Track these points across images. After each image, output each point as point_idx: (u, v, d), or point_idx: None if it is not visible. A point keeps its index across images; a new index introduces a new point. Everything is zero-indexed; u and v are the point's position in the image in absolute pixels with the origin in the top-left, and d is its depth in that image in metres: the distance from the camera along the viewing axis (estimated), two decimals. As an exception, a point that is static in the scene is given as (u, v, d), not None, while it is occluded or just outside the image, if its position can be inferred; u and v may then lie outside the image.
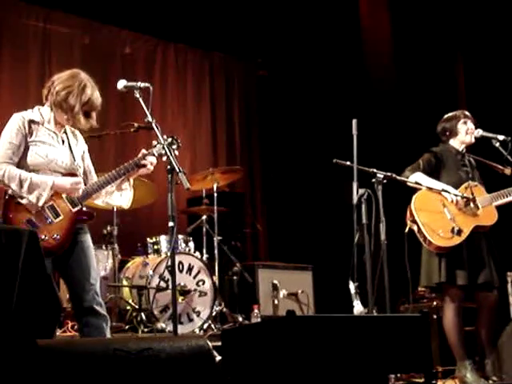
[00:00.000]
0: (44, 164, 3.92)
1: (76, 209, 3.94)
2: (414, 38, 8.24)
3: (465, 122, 5.20)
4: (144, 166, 4.08)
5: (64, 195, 3.91)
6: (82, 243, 3.97)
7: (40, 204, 3.83)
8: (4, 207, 3.88)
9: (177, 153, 4.20)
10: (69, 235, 3.90)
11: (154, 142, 4.09)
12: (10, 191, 3.87)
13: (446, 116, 5.28)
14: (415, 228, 4.94)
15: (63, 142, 4.06)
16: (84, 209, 4.00)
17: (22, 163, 3.91)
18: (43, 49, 7.90)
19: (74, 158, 4.05)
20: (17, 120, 3.96)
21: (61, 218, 3.90)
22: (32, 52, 7.82)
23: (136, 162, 4.07)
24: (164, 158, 4.11)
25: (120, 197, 4.18)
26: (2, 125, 7.24)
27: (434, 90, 8.09)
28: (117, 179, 4.05)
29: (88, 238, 4.03)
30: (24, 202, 3.84)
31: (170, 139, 4.17)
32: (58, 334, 4.05)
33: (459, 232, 4.86)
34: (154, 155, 4.06)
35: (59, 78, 4.04)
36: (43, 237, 3.81)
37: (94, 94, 4.03)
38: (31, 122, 3.97)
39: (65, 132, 4.10)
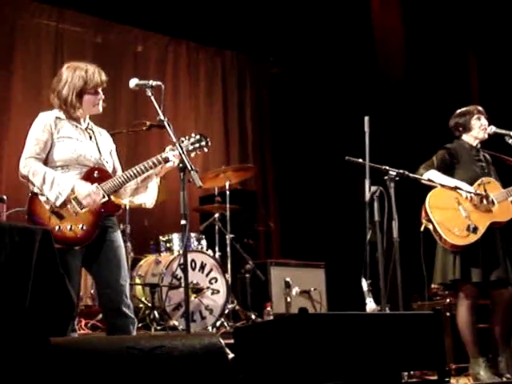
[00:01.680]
0: (73, 158, 3.94)
1: (102, 200, 3.94)
2: (426, 35, 8.21)
3: (478, 118, 5.17)
4: (169, 160, 4.07)
5: None
6: (112, 242, 3.97)
7: (58, 204, 3.84)
8: (29, 201, 3.91)
9: (206, 150, 4.21)
10: (95, 226, 3.90)
11: (182, 139, 4.09)
12: (31, 188, 3.90)
13: (459, 111, 5.25)
14: (431, 227, 4.91)
15: (90, 137, 4.09)
16: (111, 201, 3.99)
17: (50, 159, 3.93)
18: (56, 48, 7.92)
19: (100, 153, 4.06)
20: (43, 118, 4.00)
21: (87, 208, 3.91)
22: (44, 51, 7.85)
23: (162, 156, 4.05)
24: (192, 155, 4.12)
25: (145, 195, 4.17)
26: (15, 122, 7.33)
27: (446, 87, 8.05)
28: (144, 173, 4.03)
29: (119, 237, 4.04)
30: (42, 199, 3.86)
31: (198, 136, 4.18)
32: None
33: (475, 229, 4.83)
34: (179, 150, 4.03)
35: (56, 82, 4.09)
36: (69, 227, 3.84)
37: (87, 73, 4.01)
38: (57, 118, 4.01)
39: (91, 129, 4.12)
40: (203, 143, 4.19)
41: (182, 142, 4.10)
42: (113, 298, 3.90)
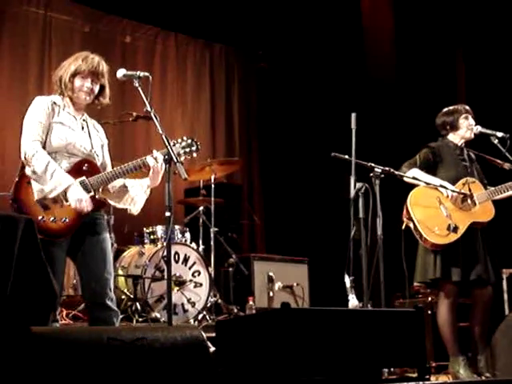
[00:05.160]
0: (62, 146, 3.92)
1: (89, 195, 3.93)
2: (415, 33, 8.23)
3: (466, 117, 5.18)
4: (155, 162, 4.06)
5: (78, 180, 3.91)
6: (98, 235, 3.97)
7: (51, 196, 3.83)
8: (15, 186, 3.88)
9: (195, 155, 4.21)
10: (78, 220, 3.89)
11: (173, 141, 4.09)
12: (27, 170, 3.86)
13: (446, 109, 5.25)
14: (411, 225, 4.93)
15: (83, 128, 4.07)
16: (97, 196, 3.98)
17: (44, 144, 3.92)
18: (43, 36, 7.87)
19: (92, 145, 4.05)
20: (42, 100, 3.99)
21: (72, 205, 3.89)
22: (32, 39, 7.80)
23: (150, 158, 4.06)
24: (181, 159, 4.10)
25: (131, 205, 4.16)
26: (1, 109, 7.27)
27: (433, 86, 8.08)
28: (132, 171, 4.03)
29: (105, 230, 4.04)
30: (36, 187, 3.83)
31: (189, 141, 4.19)
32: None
33: (455, 229, 4.86)
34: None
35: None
36: (52, 218, 3.83)
37: (86, 60, 4.01)
38: (54, 103, 4.00)
39: (85, 120, 4.11)
40: (194, 148, 4.20)
41: (174, 144, 4.08)
42: (97, 291, 3.90)
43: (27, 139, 3.88)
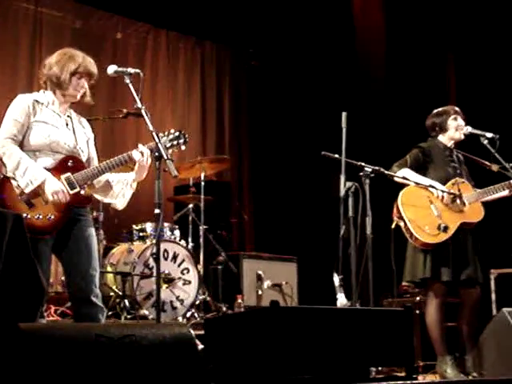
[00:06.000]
0: (46, 144, 3.90)
1: (74, 191, 3.90)
2: (406, 34, 8.25)
3: (455, 118, 5.20)
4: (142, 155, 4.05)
5: (63, 176, 3.89)
6: (83, 232, 3.95)
7: (27, 191, 3.80)
8: (1, 183, 3.86)
9: (184, 148, 4.20)
10: (63, 217, 3.87)
11: (160, 134, 4.06)
12: (4, 170, 3.85)
13: (436, 111, 5.28)
14: (402, 224, 4.94)
15: (67, 124, 4.05)
16: (82, 192, 3.96)
17: (24, 142, 3.89)
18: (34, 32, 7.85)
19: (76, 141, 4.03)
20: (22, 99, 3.97)
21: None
22: (22, 34, 7.77)
23: (137, 150, 4.04)
24: (169, 151, 4.09)
25: (117, 200, 4.15)
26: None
27: (424, 87, 8.10)
28: (118, 166, 4.01)
29: (90, 226, 4.02)
30: (14, 183, 3.82)
31: (176, 133, 4.17)
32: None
33: (445, 229, 4.87)
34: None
35: (50, 58, 4.06)
36: (37, 215, 3.81)
37: (84, 61, 4.02)
38: (36, 101, 3.98)
39: (69, 116, 4.09)
40: (181, 140, 4.18)
41: (162, 137, 4.07)
42: (82, 287, 3.88)
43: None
